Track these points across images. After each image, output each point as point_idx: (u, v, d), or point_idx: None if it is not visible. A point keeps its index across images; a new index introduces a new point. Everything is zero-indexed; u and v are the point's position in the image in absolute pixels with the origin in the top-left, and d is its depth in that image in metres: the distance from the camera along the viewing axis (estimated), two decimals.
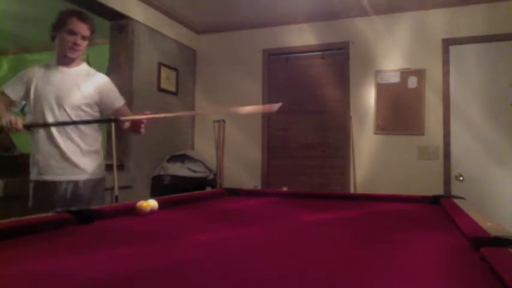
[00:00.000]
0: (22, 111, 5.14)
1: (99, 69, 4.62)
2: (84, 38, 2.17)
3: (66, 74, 2.21)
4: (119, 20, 3.60)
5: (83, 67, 2.30)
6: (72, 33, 2.13)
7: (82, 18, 2.15)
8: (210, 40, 4.57)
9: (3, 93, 2.20)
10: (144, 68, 3.78)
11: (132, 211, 1.55)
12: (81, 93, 2.20)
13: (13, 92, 2.20)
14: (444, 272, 0.84)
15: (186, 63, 4.45)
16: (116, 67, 3.66)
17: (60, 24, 2.14)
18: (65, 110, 2.15)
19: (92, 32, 2.21)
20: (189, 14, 4.18)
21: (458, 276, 0.81)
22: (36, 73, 2.21)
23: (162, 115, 2.16)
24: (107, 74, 3.92)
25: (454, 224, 1.32)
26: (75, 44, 2.14)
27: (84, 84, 2.22)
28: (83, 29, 2.14)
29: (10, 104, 2.22)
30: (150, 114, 2.22)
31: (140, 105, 3.72)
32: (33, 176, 2.19)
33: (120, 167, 3.46)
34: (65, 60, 2.21)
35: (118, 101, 2.34)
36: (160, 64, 3.98)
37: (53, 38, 2.20)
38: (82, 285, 0.74)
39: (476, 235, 1.02)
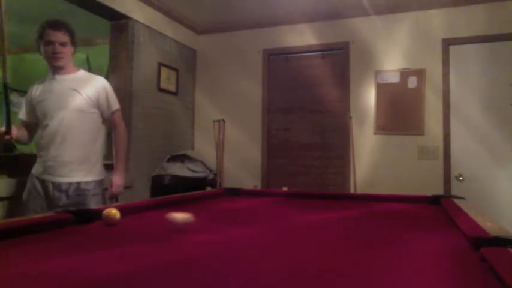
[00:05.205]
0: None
1: (99, 69, 4.61)
2: (63, 44, 2.18)
3: (63, 80, 2.25)
4: (119, 20, 3.60)
5: (81, 73, 2.33)
6: (49, 43, 2.16)
7: (55, 26, 2.16)
8: (210, 40, 4.57)
9: (21, 121, 2.33)
10: (144, 68, 3.78)
11: (132, 211, 1.55)
12: (82, 95, 2.24)
13: (27, 115, 2.32)
14: (444, 272, 0.84)
15: (186, 63, 4.45)
16: (116, 67, 3.66)
17: (39, 39, 2.19)
18: (66, 113, 2.19)
19: (71, 36, 2.22)
20: (189, 14, 4.18)
21: (458, 276, 0.81)
22: (36, 89, 2.29)
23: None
24: (107, 74, 3.93)
25: (454, 224, 1.32)
26: (54, 52, 2.16)
27: (83, 87, 2.26)
28: (57, 36, 2.16)
29: (33, 126, 2.31)
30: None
31: (140, 105, 3.72)
32: (35, 172, 2.25)
33: None
34: (57, 69, 2.24)
35: (115, 104, 2.38)
36: (160, 64, 3.98)
37: (40, 53, 2.26)
38: (82, 285, 0.74)
39: (476, 235, 1.02)
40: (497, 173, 3.49)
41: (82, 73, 2.33)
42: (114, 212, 1.35)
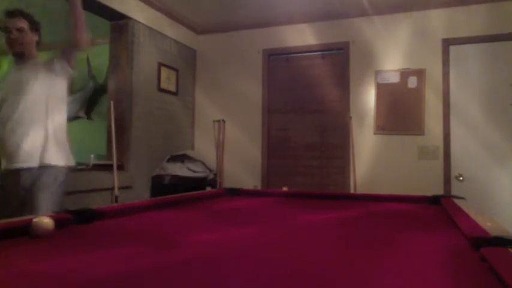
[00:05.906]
0: None
1: (99, 69, 4.58)
2: (20, 30, 2.20)
3: (23, 68, 2.26)
4: (119, 20, 3.60)
5: (40, 58, 2.32)
6: (7, 30, 2.21)
7: (12, 14, 2.21)
8: (210, 40, 4.57)
9: None
10: (144, 68, 3.78)
11: (132, 211, 1.55)
12: (36, 77, 2.21)
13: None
14: (444, 272, 0.84)
15: (186, 63, 4.45)
16: (116, 67, 3.66)
17: (0, 29, 2.24)
18: (26, 99, 2.18)
19: (30, 22, 2.24)
20: (189, 14, 4.18)
21: (458, 276, 0.81)
22: (1, 80, 2.34)
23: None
24: (107, 74, 3.93)
25: (454, 224, 1.32)
26: (11, 39, 2.20)
27: (38, 69, 2.24)
28: (13, 22, 2.20)
29: None
30: None
31: (140, 105, 3.72)
32: (3, 164, 2.22)
33: (120, 167, 3.46)
34: (18, 58, 2.28)
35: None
36: (160, 64, 3.98)
37: None
38: (82, 285, 0.74)
39: (476, 235, 1.02)
40: (497, 173, 3.49)
41: (41, 58, 2.32)
42: (46, 222, 1.14)
